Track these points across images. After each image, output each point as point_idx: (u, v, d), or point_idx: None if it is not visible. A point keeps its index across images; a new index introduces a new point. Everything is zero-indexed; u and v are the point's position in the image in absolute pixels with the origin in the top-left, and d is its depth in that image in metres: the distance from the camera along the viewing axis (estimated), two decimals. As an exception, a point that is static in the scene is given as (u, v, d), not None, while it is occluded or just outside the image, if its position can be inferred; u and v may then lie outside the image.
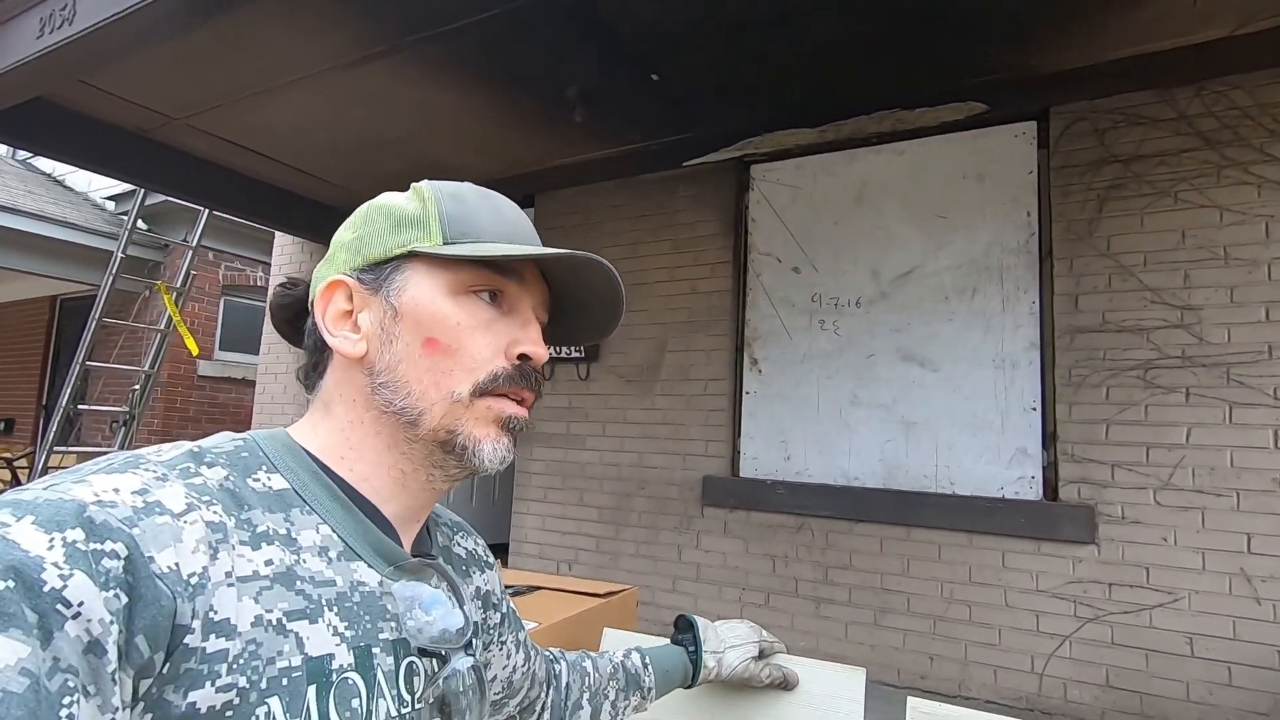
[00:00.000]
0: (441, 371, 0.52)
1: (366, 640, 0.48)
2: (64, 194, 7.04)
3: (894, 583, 2.72)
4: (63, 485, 0.39)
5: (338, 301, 0.55)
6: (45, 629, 0.33)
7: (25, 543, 0.34)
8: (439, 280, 0.53)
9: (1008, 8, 2.20)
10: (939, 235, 2.81)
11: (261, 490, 0.48)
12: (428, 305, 0.52)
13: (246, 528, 0.45)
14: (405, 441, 0.52)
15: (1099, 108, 2.56)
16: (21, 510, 0.36)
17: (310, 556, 0.47)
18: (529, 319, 0.56)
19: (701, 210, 3.34)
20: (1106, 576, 2.39)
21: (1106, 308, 2.48)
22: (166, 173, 3.62)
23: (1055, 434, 2.53)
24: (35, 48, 2.43)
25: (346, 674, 0.46)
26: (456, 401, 0.52)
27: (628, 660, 0.87)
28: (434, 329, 0.52)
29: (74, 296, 7.21)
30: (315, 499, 0.50)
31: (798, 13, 2.25)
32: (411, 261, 0.54)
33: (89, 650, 0.34)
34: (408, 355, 0.52)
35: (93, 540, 0.36)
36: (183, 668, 0.38)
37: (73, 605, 0.34)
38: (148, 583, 0.37)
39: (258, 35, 2.45)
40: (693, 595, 3.12)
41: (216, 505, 0.44)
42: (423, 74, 2.67)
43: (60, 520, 0.36)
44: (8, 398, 7.74)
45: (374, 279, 0.54)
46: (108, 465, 0.42)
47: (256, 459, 0.50)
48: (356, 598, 0.49)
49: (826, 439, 2.94)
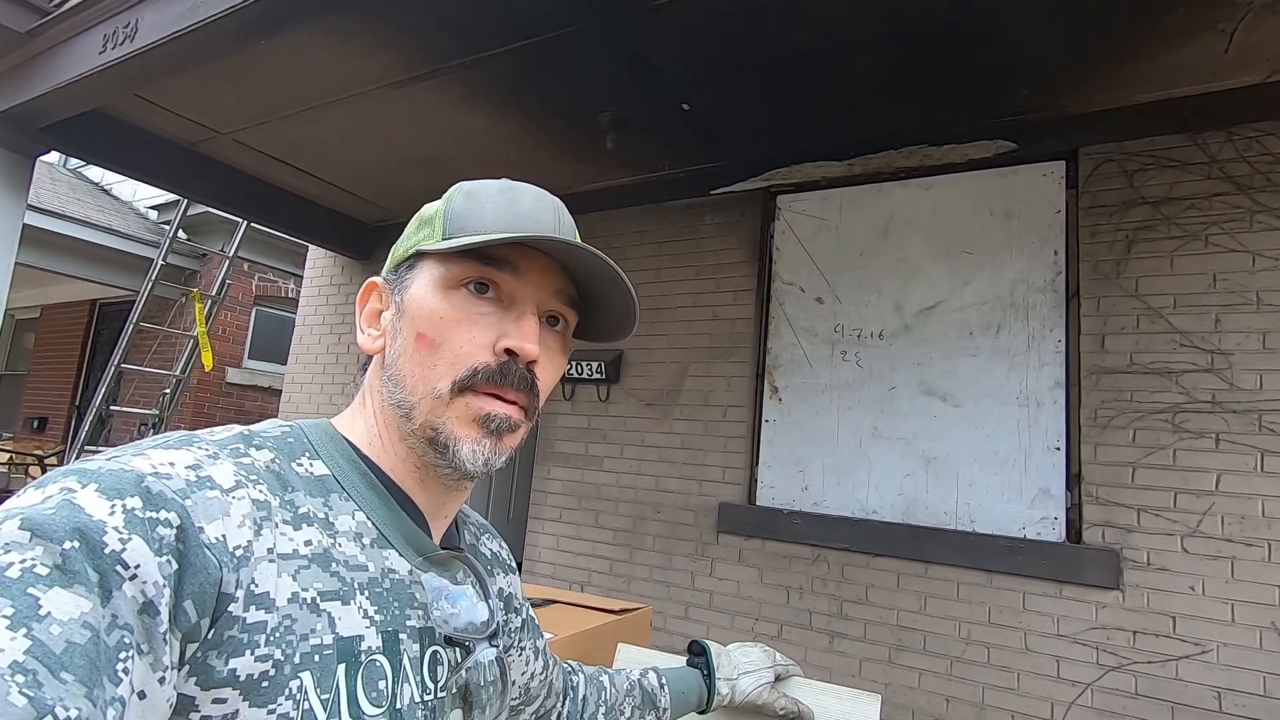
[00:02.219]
0: (427, 365, 0.52)
1: (394, 625, 0.49)
2: (110, 202, 7.29)
3: (910, 620, 2.67)
4: (124, 457, 0.41)
5: (371, 302, 0.58)
6: (105, 587, 0.35)
7: (89, 507, 0.36)
8: (435, 275, 0.54)
9: (1037, 50, 2.23)
10: (964, 271, 2.81)
11: (304, 475, 0.50)
12: (420, 300, 0.54)
13: (289, 508, 0.46)
14: (406, 436, 0.54)
15: (1128, 149, 2.56)
16: (87, 478, 0.38)
17: (346, 541, 0.49)
18: (525, 313, 0.54)
19: (726, 238, 3.38)
20: (1131, 624, 2.32)
21: (1134, 349, 2.45)
22: (210, 185, 3.75)
23: (1079, 475, 2.49)
24: (98, 62, 2.56)
25: (374, 656, 0.47)
26: (437, 398, 0.52)
27: (644, 679, 0.86)
28: (423, 323, 0.53)
29: (113, 301, 7.42)
30: (353, 486, 0.52)
31: (829, 49, 2.29)
32: (420, 260, 0.55)
33: (144, 610, 0.36)
34: (405, 350, 0.53)
35: (149, 509, 0.38)
36: (226, 635, 0.40)
37: (130, 567, 0.36)
38: (197, 551, 0.39)
39: (307, 54, 2.55)
40: (705, 623, 3.09)
41: (263, 485, 0.46)
42: (463, 96, 2.75)
43: (121, 488, 0.38)
44: (43, 397, 7.95)
45: (395, 279, 0.57)
46: (164, 442, 0.45)
47: (301, 445, 0.52)
48: (387, 584, 0.50)
49: (845, 470, 2.92)
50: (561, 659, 0.83)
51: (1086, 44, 2.19)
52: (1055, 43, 2.19)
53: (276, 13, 2.13)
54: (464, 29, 2.31)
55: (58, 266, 6.04)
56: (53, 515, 0.35)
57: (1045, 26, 2.12)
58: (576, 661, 0.85)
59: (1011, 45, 2.21)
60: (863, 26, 2.17)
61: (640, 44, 2.34)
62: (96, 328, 7.76)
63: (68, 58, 2.74)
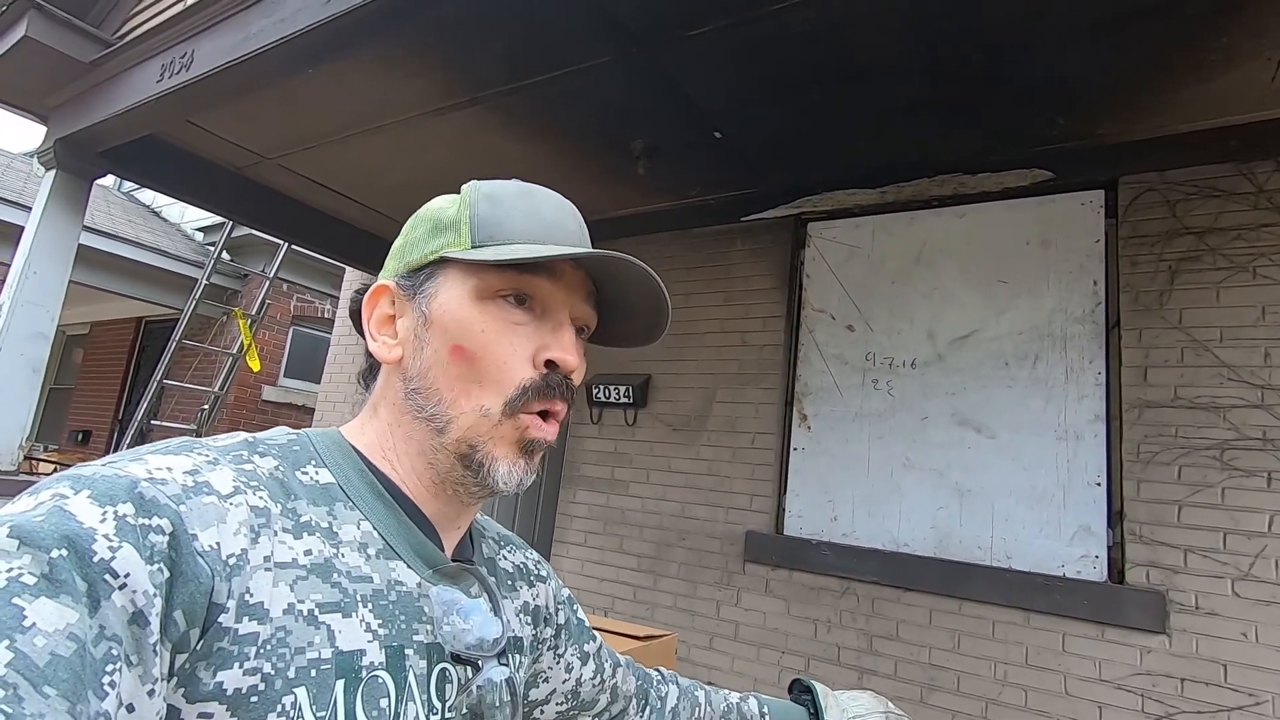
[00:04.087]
0: (471, 381, 0.51)
1: (400, 640, 0.47)
2: (160, 224, 7.59)
3: (943, 658, 2.58)
4: (120, 463, 0.40)
5: (382, 306, 0.56)
6: (93, 597, 0.34)
7: (80, 514, 0.36)
8: (467, 285, 0.52)
9: (1074, 77, 2.21)
10: (1000, 300, 2.76)
11: (309, 483, 0.48)
12: (455, 311, 0.52)
13: (291, 516, 0.45)
14: (432, 450, 0.52)
15: (1170, 179, 2.51)
16: (80, 484, 0.37)
17: (349, 551, 0.47)
18: (561, 323, 0.54)
19: (756, 264, 3.38)
20: (1178, 671, 2.22)
21: (1179, 382, 2.37)
22: (254, 208, 3.88)
23: (1122, 512, 2.40)
24: (155, 90, 2.68)
25: (376, 672, 0.45)
26: (484, 417, 0.51)
27: (744, 704, 0.82)
28: (460, 335, 0.51)
29: (158, 319, 7.67)
30: (359, 496, 0.50)
31: (862, 76, 2.30)
32: (444, 267, 0.54)
33: (133, 621, 0.35)
34: (437, 362, 0.52)
35: (142, 515, 0.37)
36: (215, 646, 0.38)
37: (120, 576, 0.35)
38: (189, 559, 0.38)
39: (351, 83, 2.64)
40: (730, 654, 3.02)
41: (263, 491, 0.45)
42: (501, 122, 2.82)
43: (114, 495, 0.37)
44: (88, 411, 8.20)
45: (411, 285, 0.54)
46: (164, 447, 0.44)
47: (307, 453, 0.51)
48: (393, 596, 0.48)
49: (875, 501, 2.86)
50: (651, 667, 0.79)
51: (1126, 72, 2.16)
52: (1094, 70, 2.17)
53: (325, 42, 2.21)
54: (504, 57, 2.37)
55: (109, 284, 6.28)
56: (42, 523, 0.35)
57: (1084, 54, 2.10)
58: (673, 672, 0.82)
59: (1049, 73, 2.19)
60: (897, 53, 2.18)
61: (674, 72, 2.38)
62: (141, 344, 8.02)
63: (127, 86, 2.88)
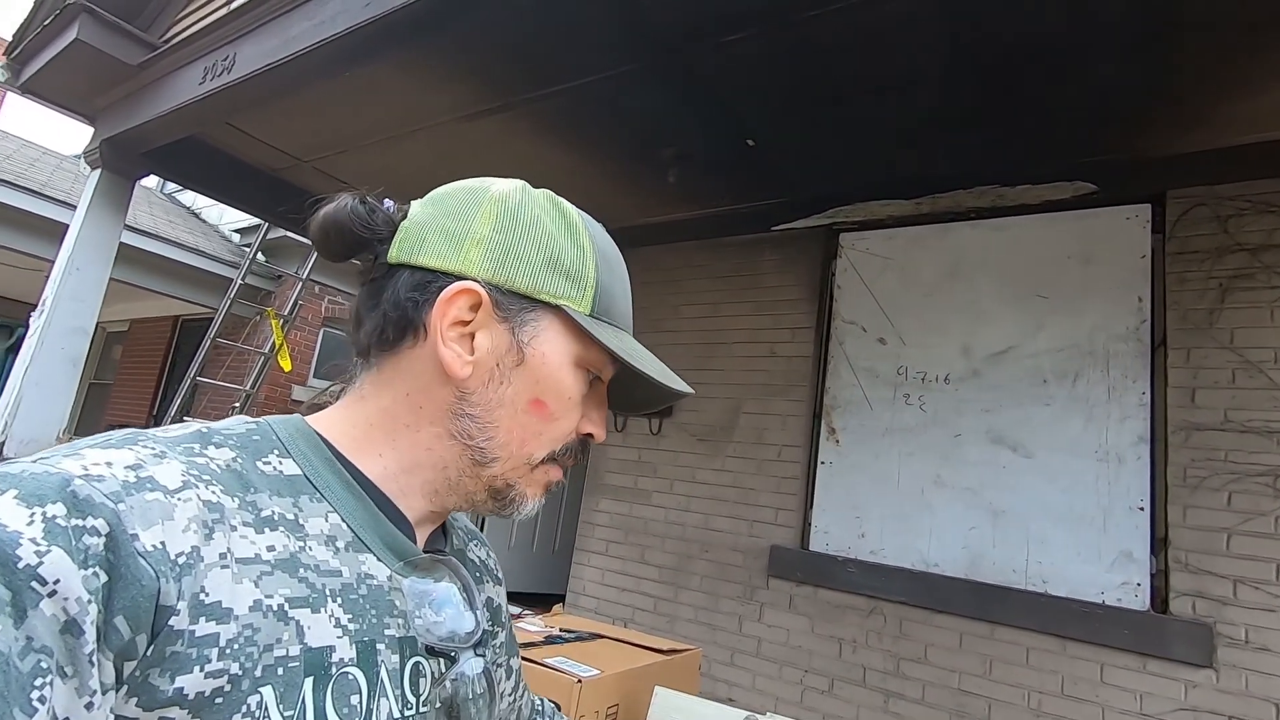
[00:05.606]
0: (532, 434, 0.52)
1: (371, 635, 0.46)
2: (199, 225, 7.77)
3: (974, 684, 2.50)
4: (53, 459, 0.37)
5: (463, 311, 0.50)
6: (19, 607, 0.32)
7: (5, 517, 0.33)
8: (571, 347, 0.52)
9: (1119, 88, 2.14)
10: (1039, 315, 2.68)
11: (271, 474, 0.46)
12: (554, 369, 0.52)
13: (250, 510, 0.43)
14: (460, 475, 0.52)
15: (1221, 193, 2.42)
16: (6, 483, 0.34)
17: (316, 544, 0.45)
18: (603, 399, 0.57)
19: (785, 274, 3.33)
20: (1226, 708, 2.11)
21: (1229, 405, 2.27)
22: (290, 209, 3.94)
23: (1166, 539, 2.31)
24: (197, 92, 2.74)
25: (347, 669, 0.43)
26: (527, 463, 0.53)
27: None
28: (547, 393, 0.52)
29: (193, 318, 7.84)
30: (327, 486, 0.48)
31: (898, 84, 2.26)
32: (554, 312, 0.52)
33: (65, 630, 0.33)
34: (512, 403, 0.51)
35: (74, 516, 0.34)
36: (168, 651, 0.36)
37: (48, 583, 0.32)
38: (129, 561, 0.35)
39: (384, 89, 2.67)
40: (751, 671, 2.96)
41: (216, 485, 0.42)
42: (531, 128, 2.83)
43: (43, 494, 0.34)
44: (125, 406, 8.41)
45: (511, 307, 0.51)
46: (105, 440, 0.41)
47: (269, 443, 0.48)
48: (363, 590, 0.47)
49: (905, 519, 2.78)
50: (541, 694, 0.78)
51: (1174, 84, 2.09)
52: (1140, 82, 2.10)
53: (362, 45, 2.24)
54: (534, 64, 2.38)
55: (149, 283, 6.44)
56: None
57: (1130, 65, 2.03)
58: (553, 703, 0.80)
59: (1093, 83, 2.13)
60: (934, 61, 2.13)
61: (705, 80, 2.36)
62: (177, 342, 8.20)
63: (171, 88, 2.95)
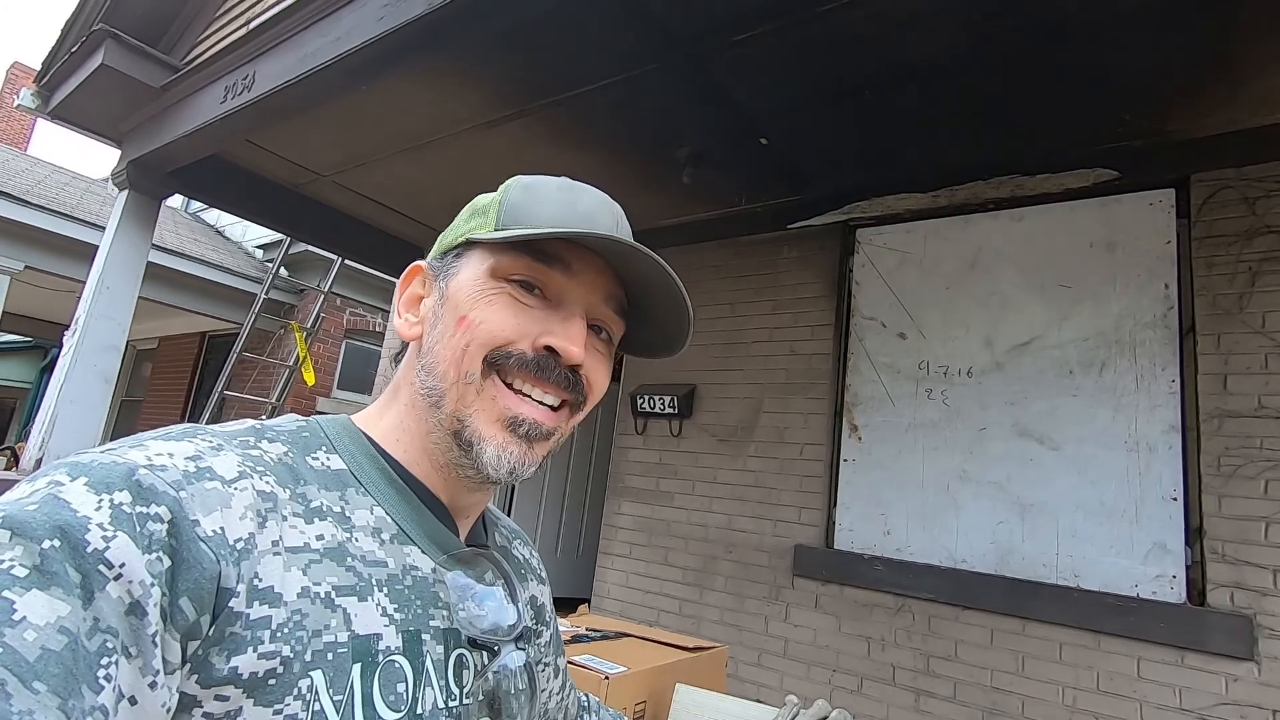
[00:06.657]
0: (460, 347, 0.50)
1: (417, 625, 0.47)
2: (223, 243, 7.93)
3: (1006, 681, 2.46)
4: (120, 449, 0.39)
5: (414, 286, 0.57)
6: (87, 589, 0.33)
7: (75, 503, 0.35)
8: (485, 264, 0.52)
9: (1141, 71, 2.11)
10: (1063, 305, 2.64)
11: (319, 469, 0.48)
12: (468, 286, 0.52)
13: (300, 501, 0.45)
14: (433, 429, 0.51)
15: (1248, 175, 2.37)
16: (77, 471, 0.36)
17: (363, 536, 0.47)
18: (573, 315, 0.52)
19: (803, 272, 3.32)
20: (1269, 702, 2.05)
21: (1263, 391, 2.22)
22: (310, 224, 4.01)
23: (1201, 529, 2.26)
24: (219, 111, 2.80)
25: (393, 657, 0.44)
26: (469, 383, 0.50)
27: None
28: (466, 307, 0.51)
29: (219, 333, 7.99)
30: (371, 481, 0.50)
31: (914, 76, 2.24)
32: (470, 249, 0.54)
33: (130, 611, 0.34)
34: (443, 335, 0.52)
35: (139, 503, 0.36)
36: (227, 631, 0.38)
37: (114, 566, 0.34)
38: (191, 546, 0.37)
39: (401, 100, 2.71)
40: (779, 671, 2.94)
41: (270, 476, 0.44)
42: (548, 133, 2.85)
43: (110, 482, 0.36)
44: (155, 421, 8.59)
45: (440, 266, 0.55)
46: (166, 433, 0.43)
47: (317, 439, 0.50)
48: (409, 581, 0.48)
49: (931, 515, 2.75)
50: (599, 695, 0.79)
51: (1197, 65, 2.05)
52: (1161, 63, 2.07)
53: (378, 59, 2.27)
54: (550, 69, 2.39)
55: (177, 300, 6.58)
56: (35, 512, 0.34)
57: (1151, 47, 2.00)
58: (597, 700, 0.80)
59: (1113, 67, 2.10)
60: (950, 51, 2.11)
61: (720, 79, 2.36)
62: (205, 358, 8.36)
63: (193, 108, 3.02)
